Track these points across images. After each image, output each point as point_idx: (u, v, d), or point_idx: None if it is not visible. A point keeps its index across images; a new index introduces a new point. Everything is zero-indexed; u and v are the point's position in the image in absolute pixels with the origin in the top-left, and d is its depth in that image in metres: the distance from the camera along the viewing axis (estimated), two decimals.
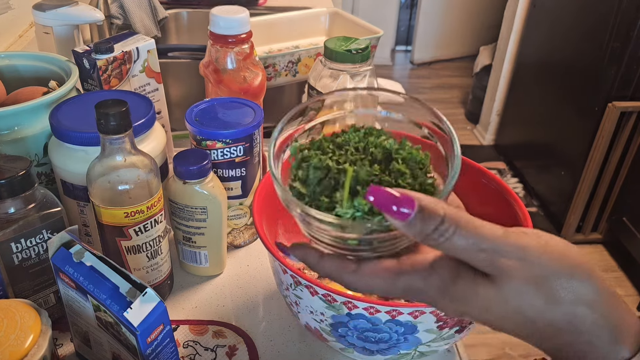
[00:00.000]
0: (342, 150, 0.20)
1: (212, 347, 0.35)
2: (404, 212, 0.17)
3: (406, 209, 0.17)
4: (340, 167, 0.19)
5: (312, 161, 0.20)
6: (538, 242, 0.17)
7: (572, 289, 0.17)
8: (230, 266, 0.42)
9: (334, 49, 0.44)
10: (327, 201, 0.19)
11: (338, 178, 0.19)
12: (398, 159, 0.20)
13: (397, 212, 0.17)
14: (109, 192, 0.31)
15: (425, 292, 0.18)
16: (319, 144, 0.21)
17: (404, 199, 0.17)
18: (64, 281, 0.30)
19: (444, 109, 1.99)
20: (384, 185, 0.19)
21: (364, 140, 0.20)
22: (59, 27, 0.51)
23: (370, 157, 0.20)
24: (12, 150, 0.35)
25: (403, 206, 0.17)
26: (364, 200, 0.18)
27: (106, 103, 0.29)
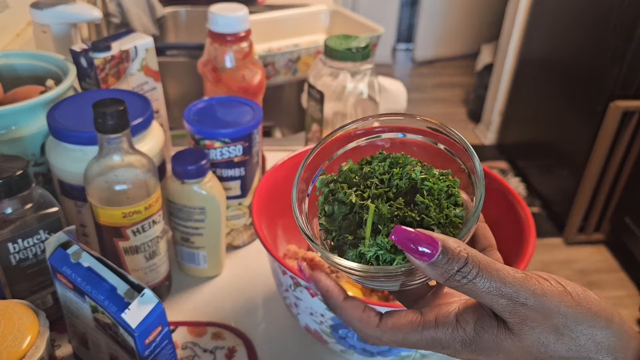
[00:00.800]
0: (368, 182, 0.20)
1: (210, 348, 0.35)
2: (427, 253, 0.17)
3: (429, 250, 0.17)
4: (363, 203, 0.19)
5: (337, 195, 0.20)
6: (557, 288, 0.17)
7: (593, 336, 0.17)
8: (229, 267, 0.42)
9: (334, 47, 0.43)
10: (352, 238, 0.19)
11: (362, 214, 0.19)
12: (423, 190, 0.20)
13: (420, 253, 0.17)
14: (106, 192, 0.31)
15: (450, 345, 0.18)
16: (345, 176, 0.21)
17: (426, 240, 0.17)
18: (61, 282, 0.29)
19: (446, 108, 1.99)
20: (407, 220, 0.19)
21: (389, 172, 0.20)
22: (57, 25, 0.51)
23: (395, 190, 0.20)
24: (9, 150, 0.35)
25: (426, 247, 0.17)
26: (387, 238, 0.18)
27: (104, 102, 0.29)
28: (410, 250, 0.17)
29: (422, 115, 0.22)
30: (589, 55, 1.23)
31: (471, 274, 0.17)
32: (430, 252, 0.17)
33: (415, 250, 0.17)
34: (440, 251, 0.17)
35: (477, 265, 0.17)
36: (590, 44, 1.22)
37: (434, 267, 0.17)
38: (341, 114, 0.46)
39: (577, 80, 1.29)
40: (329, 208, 0.20)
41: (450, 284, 0.17)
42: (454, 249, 0.17)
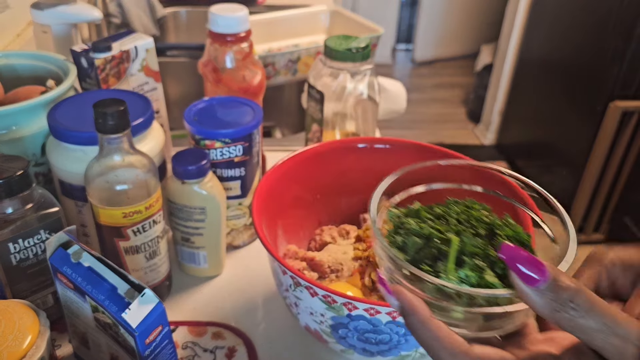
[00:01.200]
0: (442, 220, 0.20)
1: (211, 348, 0.35)
2: (535, 279, 0.15)
3: (538, 275, 0.15)
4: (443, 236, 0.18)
5: (410, 227, 0.19)
6: None
7: None
8: (230, 267, 0.42)
9: (334, 47, 0.43)
10: (430, 270, 0.18)
11: (440, 247, 0.18)
12: (502, 235, 0.19)
13: (528, 277, 0.15)
14: (107, 192, 0.31)
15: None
16: (416, 212, 0.20)
17: (537, 264, 0.15)
18: (62, 282, 0.29)
19: (445, 108, 1.99)
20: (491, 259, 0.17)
21: (466, 213, 0.20)
22: (57, 25, 0.51)
23: (473, 230, 0.19)
24: (10, 150, 0.35)
25: (536, 271, 0.15)
26: (472, 272, 0.17)
27: (104, 102, 0.29)
28: (519, 272, 0.15)
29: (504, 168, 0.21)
30: (589, 55, 1.23)
31: (583, 307, 0.15)
32: (540, 277, 0.15)
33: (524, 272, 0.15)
34: (551, 277, 0.15)
35: (589, 299, 0.15)
36: (590, 44, 1.23)
37: (542, 295, 0.15)
38: (341, 114, 0.46)
39: (576, 80, 1.29)
40: (401, 240, 0.19)
41: (558, 316, 0.15)
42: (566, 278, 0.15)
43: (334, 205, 0.42)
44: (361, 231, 0.39)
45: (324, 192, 0.41)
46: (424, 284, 0.17)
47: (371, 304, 0.27)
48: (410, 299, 0.17)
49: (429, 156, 0.40)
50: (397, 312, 0.18)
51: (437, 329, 0.17)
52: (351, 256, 0.38)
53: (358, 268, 0.37)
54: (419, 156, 0.40)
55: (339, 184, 0.41)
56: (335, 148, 0.40)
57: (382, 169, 0.42)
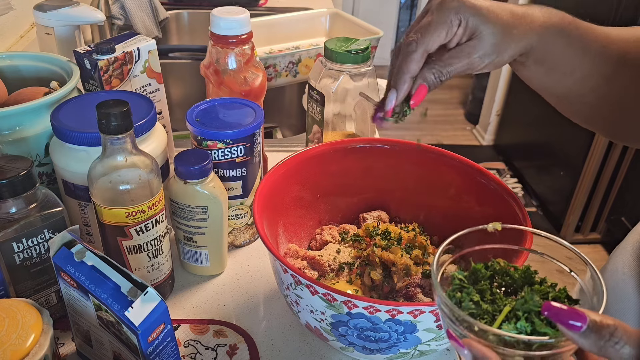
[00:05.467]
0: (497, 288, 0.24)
1: (212, 346, 0.35)
2: (577, 326, 0.19)
3: (579, 322, 0.19)
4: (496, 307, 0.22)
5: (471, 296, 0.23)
6: None
7: None
8: (231, 266, 0.42)
9: (334, 49, 0.44)
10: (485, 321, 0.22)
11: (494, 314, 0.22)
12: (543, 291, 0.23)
13: (572, 325, 0.19)
14: (110, 192, 0.32)
15: None
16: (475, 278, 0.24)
17: (576, 313, 0.19)
18: (65, 280, 0.30)
19: (444, 110, 1.99)
20: None
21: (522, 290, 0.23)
22: (60, 27, 0.51)
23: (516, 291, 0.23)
24: (14, 151, 0.35)
25: (576, 319, 0.19)
26: (525, 323, 0.21)
27: (107, 103, 0.29)
28: (564, 324, 0.19)
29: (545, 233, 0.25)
30: None
31: (623, 338, 0.18)
32: (580, 324, 0.19)
33: (567, 322, 0.19)
34: (589, 321, 0.19)
35: (624, 329, 0.19)
36: None
37: (586, 337, 0.19)
38: (341, 115, 0.47)
39: None
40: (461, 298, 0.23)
41: (604, 351, 0.19)
42: (601, 318, 0.19)
43: (334, 205, 0.42)
44: (361, 231, 0.40)
45: (325, 192, 0.41)
46: (487, 336, 0.21)
47: (371, 302, 0.28)
48: (482, 348, 0.21)
49: (428, 156, 0.40)
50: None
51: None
52: (351, 255, 0.38)
53: (358, 267, 0.37)
54: (417, 156, 0.41)
55: (339, 184, 0.42)
56: (336, 149, 0.41)
57: (381, 169, 0.42)
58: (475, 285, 0.23)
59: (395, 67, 0.30)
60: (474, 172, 0.38)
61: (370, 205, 0.43)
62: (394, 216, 0.43)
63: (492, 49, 0.29)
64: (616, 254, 0.40)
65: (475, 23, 0.29)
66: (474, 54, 0.29)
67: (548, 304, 0.20)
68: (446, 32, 0.29)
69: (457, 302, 0.23)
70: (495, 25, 0.29)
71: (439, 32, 0.29)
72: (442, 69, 0.30)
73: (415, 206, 0.41)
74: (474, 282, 0.24)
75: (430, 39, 0.29)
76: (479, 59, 0.30)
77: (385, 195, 0.43)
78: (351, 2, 2.09)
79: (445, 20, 0.29)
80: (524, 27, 0.30)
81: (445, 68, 0.30)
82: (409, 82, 0.30)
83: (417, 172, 0.40)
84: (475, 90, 1.87)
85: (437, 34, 0.29)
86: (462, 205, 0.39)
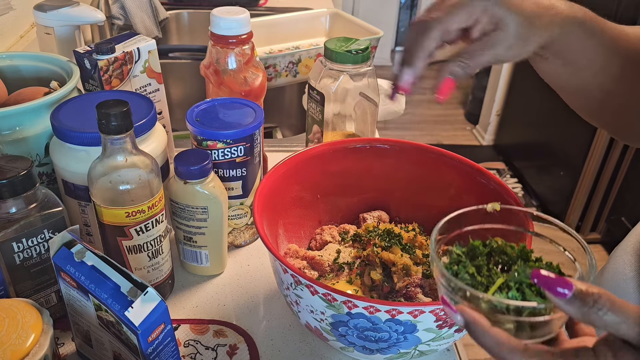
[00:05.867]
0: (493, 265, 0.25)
1: (212, 346, 0.35)
2: (564, 293, 0.20)
3: (566, 289, 0.20)
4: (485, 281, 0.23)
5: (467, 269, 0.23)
6: None
7: None
8: (231, 266, 0.42)
9: (334, 49, 0.44)
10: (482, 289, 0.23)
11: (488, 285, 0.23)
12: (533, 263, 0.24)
13: (559, 292, 0.20)
14: (110, 192, 0.32)
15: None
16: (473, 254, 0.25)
17: (563, 281, 0.20)
18: (65, 280, 0.30)
19: (444, 110, 1.99)
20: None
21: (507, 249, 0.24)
22: (60, 27, 0.51)
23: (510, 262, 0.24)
24: (14, 151, 0.35)
25: (563, 287, 0.20)
26: (517, 293, 0.22)
27: (107, 103, 0.29)
28: (551, 290, 0.20)
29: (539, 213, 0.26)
30: None
31: (606, 305, 0.19)
32: (567, 291, 0.20)
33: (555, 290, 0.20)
34: (575, 289, 0.20)
35: (608, 298, 0.19)
36: None
37: (571, 303, 0.20)
38: (341, 115, 0.47)
39: None
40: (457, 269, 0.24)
41: (588, 317, 0.19)
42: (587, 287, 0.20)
43: (334, 205, 0.42)
44: (361, 230, 0.40)
45: (324, 192, 0.41)
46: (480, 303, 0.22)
47: (371, 302, 0.28)
48: (473, 313, 0.22)
49: (428, 156, 0.40)
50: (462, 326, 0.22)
51: (497, 333, 0.21)
52: (351, 255, 0.38)
53: (358, 267, 0.37)
54: (417, 156, 0.41)
55: (339, 184, 0.42)
56: (336, 149, 0.41)
57: (381, 170, 0.42)
58: (473, 261, 0.24)
59: (410, 43, 0.30)
60: (474, 172, 0.38)
61: (370, 205, 0.43)
62: (394, 216, 0.43)
63: (517, 40, 0.29)
64: (616, 255, 0.40)
65: (501, 12, 0.29)
66: (499, 45, 0.29)
67: (537, 271, 0.20)
68: (468, 16, 0.29)
69: (454, 274, 0.23)
70: (521, 14, 0.29)
71: (461, 14, 0.29)
72: (468, 60, 0.29)
73: (415, 206, 0.41)
74: (472, 258, 0.24)
75: (451, 19, 0.29)
76: (504, 50, 0.29)
77: (385, 195, 0.43)
78: (351, 2, 2.09)
79: (469, 2, 0.28)
80: (548, 18, 0.29)
81: (472, 60, 0.29)
82: (424, 59, 0.30)
83: (417, 172, 0.40)
84: (475, 90, 1.87)
85: (459, 15, 0.29)
86: (462, 205, 0.38)
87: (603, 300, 0.19)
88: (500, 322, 0.21)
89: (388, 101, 0.62)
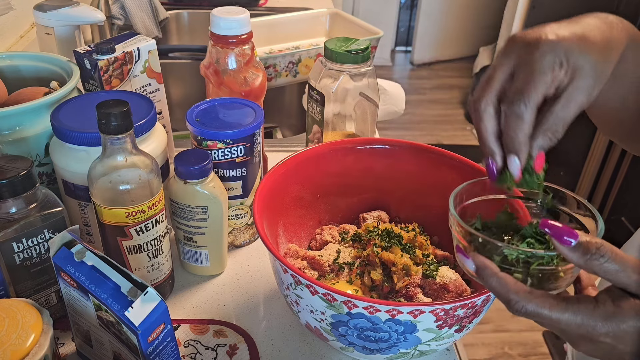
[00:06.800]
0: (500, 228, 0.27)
1: (212, 346, 0.35)
2: (569, 240, 0.22)
3: (571, 238, 0.22)
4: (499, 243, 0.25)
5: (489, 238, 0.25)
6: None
7: None
8: (231, 266, 0.42)
9: (334, 49, 0.44)
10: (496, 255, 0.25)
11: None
12: None
13: (565, 240, 0.22)
14: (110, 192, 0.32)
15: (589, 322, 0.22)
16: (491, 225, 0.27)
17: (569, 230, 0.22)
18: (65, 280, 0.30)
19: (444, 110, 1.99)
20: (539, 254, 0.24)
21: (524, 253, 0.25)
22: (60, 27, 0.51)
23: None
24: (14, 151, 0.35)
25: (569, 236, 0.22)
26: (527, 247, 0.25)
27: (107, 103, 0.29)
28: (558, 238, 0.22)
29: None
30: None
31: (607, 254, 0.21)
32: (573, 238, 0.22)
33: (562, 239, 0.22)
34: (579, 238, 0.21)
35: (610, 249, 0.21)
36: None
37: (575, 250, 0.21)
38: (341, 115, 0.47)
39: None
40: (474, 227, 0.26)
41: (590, 264, 0.21)
42: (591, 237, 0.21)
43: (334, 205, 0.42)
44: (361, 230, 0.40)
45: (324, 192, 0.41)
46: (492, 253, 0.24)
47: (371, 302, 0.28)
48: (484, 259, 0.24)
49: (428, 156, 0.40)
50: (473, 272, 0.24)
51: (504, 277, 0.23)
52: (351, 255, 0.38)
53: (358, 267, 0.37)
54: (417, 157, 0.41)
55: (339, 184, 0.42)
56: (336, 149, 0.41)
57: (381, 170, 0.42)
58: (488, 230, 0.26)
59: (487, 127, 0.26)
60: (474, 172, 0.38)
61: (370, 205, 0.43)
62: (394, 216, 0.43)
63: (595, 81, 0.25)
64: None
65: (576, 59, 0.25)
66: (581, 95, 0.25)
67: (545, 220, 0.22)
68: (551, 80, 0.25)
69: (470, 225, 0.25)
70: (594, 53, 0.25)
71: (543, 82, 0.25)
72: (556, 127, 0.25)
73: (415, 206, 0.41)
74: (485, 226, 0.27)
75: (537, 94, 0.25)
76: (587, 97, 0.25)
77: (385, 195, 0.43)
78: (351, 2, 2.09)
79: (546, 66, 0.25)
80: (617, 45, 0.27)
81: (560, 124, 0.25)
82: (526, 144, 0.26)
83: (418, 172, 0.40)
84: None
85: (542, 85, 0.25)
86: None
87: (605, 249, 0.21)
88: (510, 272, 0.23)
89: (388, 101, 0.62)
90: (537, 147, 0.26)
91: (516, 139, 0.26)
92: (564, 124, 0.26)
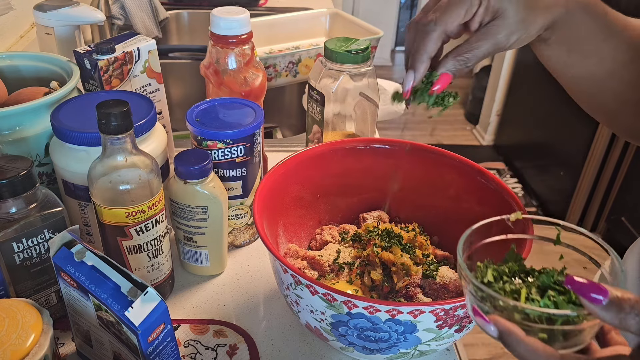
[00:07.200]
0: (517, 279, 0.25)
1: (212, 346, 0.35)
2: (599, 299, 0.19)
3: (601, 296, 0.20)
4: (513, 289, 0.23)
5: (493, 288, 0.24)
6: None
7: None
8: (231, 266, 0.42)
9: (334, 49, 0.44)
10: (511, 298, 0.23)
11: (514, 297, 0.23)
12: None
13: (593, 298, 0.20)
14: (110, 192, 0.32)
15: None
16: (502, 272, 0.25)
17: (597, 286, 0.20)
18: (65, 280, 0.30)
19: None
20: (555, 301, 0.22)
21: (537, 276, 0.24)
22: (60, 27, 0.51)
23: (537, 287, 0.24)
24: (14, 151, 0.35)
25: (597, 293, 0.20)
26: (549, 301, 0.22)
27: (107, 103, 0.29)
28: (586, 296, 0.19)
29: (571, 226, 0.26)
30: None
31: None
32: (602, 297, 0.19)
33: (590, 295, 0.19)
34: (610, 295, 0.19)
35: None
36: None
37: (608, 309, 0.19)
38: (341, 115, 0.47)
39: None
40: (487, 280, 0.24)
41: (625, 323, 0.19)
42: (622, 293, 0.19)
43: (334, 205, 0.42)
44: (361, 230, 0.40)
45: (324, 192, 0.41)
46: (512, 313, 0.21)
47: (371, 302, 0.28)
48: (507, 323, 0.21)
49: (428, 156, 0.40)
50: (496, 337, 0.22)
51: (533, 342, 0.21)
52: (351, 255, 0.38)
53: (358, 267, 0.37)
54: (417, 156, 0.41)
55: (339, 184, 0.42)
56: (336, 149, 0.41)
57: (381, 170, 0.42)
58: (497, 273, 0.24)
59: (412, 46, 0.30)
60: (474, 172, 0.38)
61: (370, 205, 0.43)
62: (394, 216, 0.43)
63: (517, 26, 0.28)
64: (627, 260, 0.40)
65: (498, 1, 0.28)
66: (499, 33, 0.28)
67: (570, 277, 0.20)
68: (465, 11, 0.28)
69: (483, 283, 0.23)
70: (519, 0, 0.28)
71: (459, 10, 0.28)
72: (467, 53, 0.29)
73: (415, 206, 0.41)
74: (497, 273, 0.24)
75: (449, 18, 0.28)
76: (505, 38, 0.29)
77: (386, 195, 0.43)
78: (351, 2, 2.09)
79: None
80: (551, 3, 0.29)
81: (471, 52, 0.29)
82: (427, 62, 0.29)
83: (417, 172, 0.41)
84: (475, 90, 1.87)
85: (457, 12, 0.28)
86: (462, 205, 0.39)
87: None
88: (532, 331, 0.21)
89: (389, 101, 0.63)
90: (445, 67, 0.29)
91: (417, 56, 0.28)
92: (475, 54, 0.29)
